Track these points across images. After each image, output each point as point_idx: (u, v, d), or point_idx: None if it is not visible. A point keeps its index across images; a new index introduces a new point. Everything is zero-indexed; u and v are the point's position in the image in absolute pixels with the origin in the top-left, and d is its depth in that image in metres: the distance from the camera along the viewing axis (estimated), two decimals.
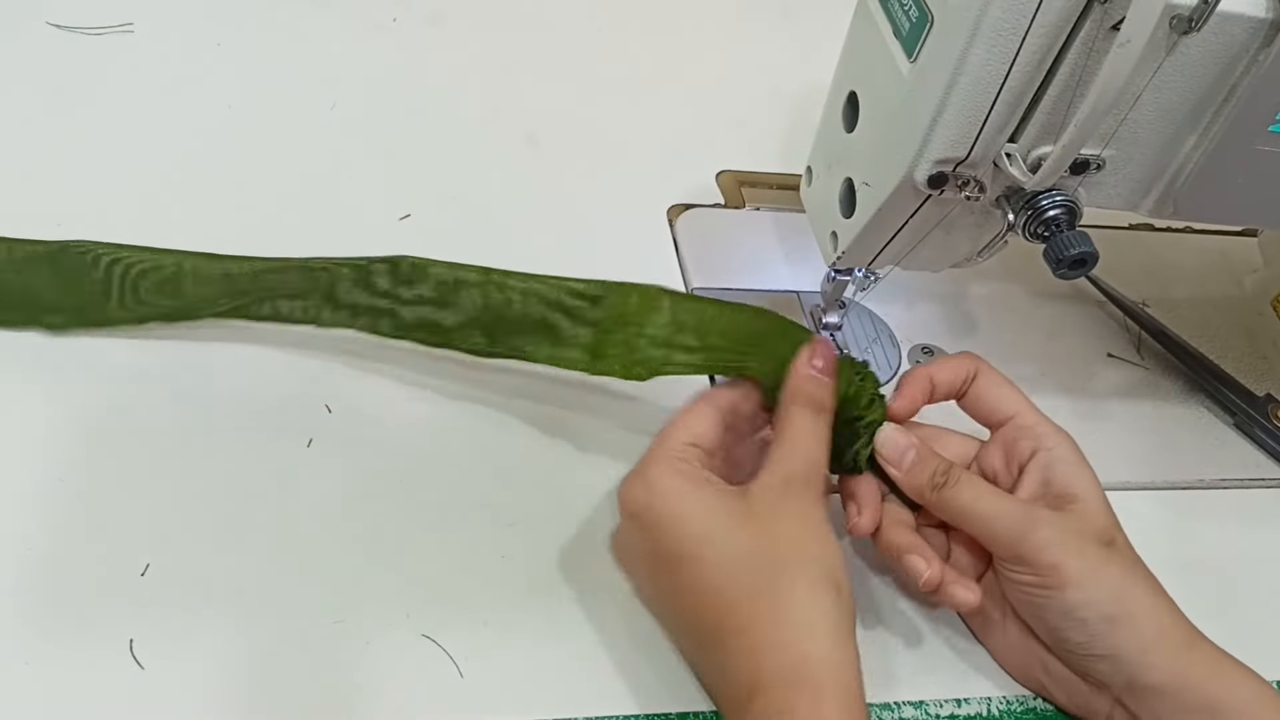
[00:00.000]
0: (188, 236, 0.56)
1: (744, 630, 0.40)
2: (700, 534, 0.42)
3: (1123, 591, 0.43)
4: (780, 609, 0.40)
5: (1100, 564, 0.43)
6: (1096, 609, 0.43)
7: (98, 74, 0.63)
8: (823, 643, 0.39)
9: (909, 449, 0.46)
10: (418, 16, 0.73)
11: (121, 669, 0.41)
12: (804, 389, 0.45)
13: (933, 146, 0.43)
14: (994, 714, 0.46)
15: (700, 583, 0.41)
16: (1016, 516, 0.44)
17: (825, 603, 0.40)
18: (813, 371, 0.45)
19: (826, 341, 0.47)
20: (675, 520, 0.42)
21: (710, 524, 0.42)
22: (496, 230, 0.60)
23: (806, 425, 0.44)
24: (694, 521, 0.42)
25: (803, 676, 0.38)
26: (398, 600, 0.44)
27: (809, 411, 0.45)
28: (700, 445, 0.44)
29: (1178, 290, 0.68)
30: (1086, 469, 0.46)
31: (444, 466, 0.49)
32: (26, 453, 0.46)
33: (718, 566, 0.41)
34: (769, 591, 0.40)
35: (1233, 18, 0.40)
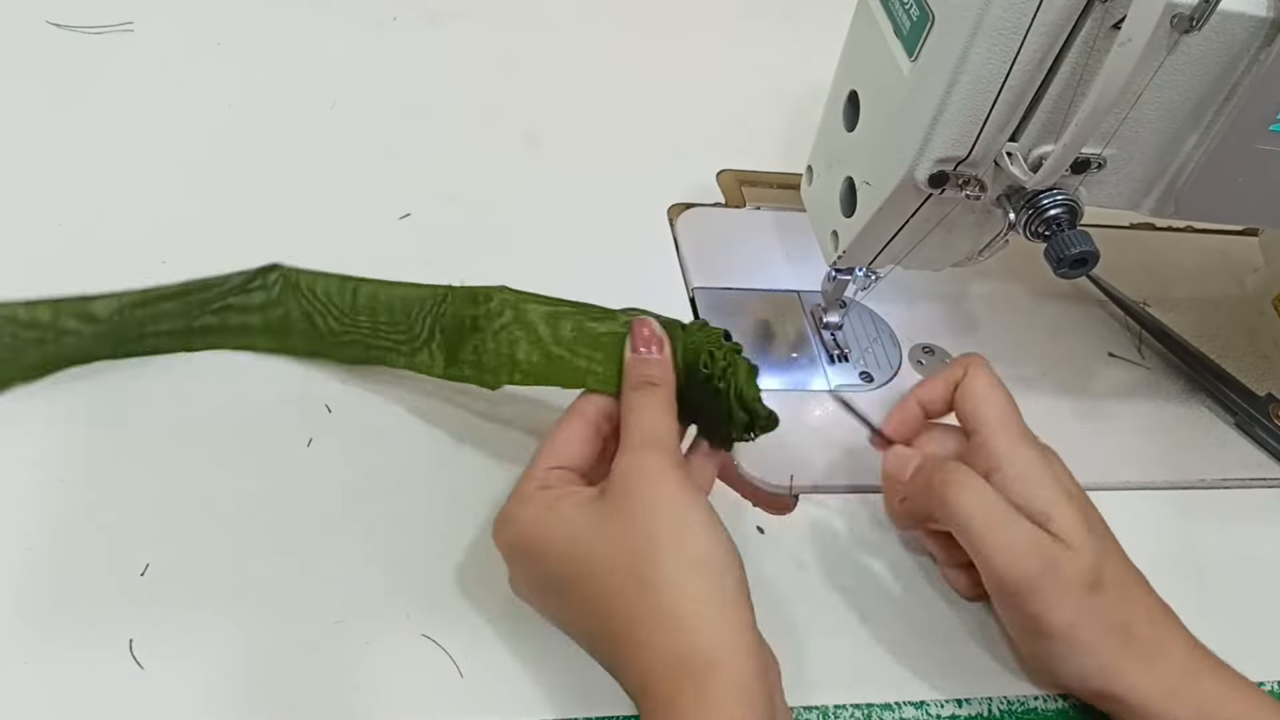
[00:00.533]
0: (187, 236, 0.56)
1: (626, 632, 0.39)
2: (567, 551, 0.41)
3: (1105, 638, 0.43)
4: (651, 602, 0.39)
5: (1080, 615, 0.43)
6: (1073, 665, 0.43)
7: (98, 74, 0.63)
8: (699, 626, 0.38)
9: (912, 456, 0.47)
10: (418, 16, 0.73)
11: (121, 669, 0.41)
12: (631, 372, 0.45)
13: (933, 146, 0.43)
14: (994, 714, 0.46)
15: (582, 597, 0.41)
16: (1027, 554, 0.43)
17: (695, 585, 0.39)
18: (639, 354, 0.45)
19: (644, 320, 0.46)
20: (541, 545, 0.41)
21: (572, 537, 0.41)
22: (496, 230, 0.60)
23: (640, 402, 0.44)
24: (557, 542, 0.41)
25: (682, 666, 0.37)
26: (398, 600, 0.44)
27: (640, 390, 0.44)
28: (568, 466, 0.44)
29: (1179, 290, 0.68)
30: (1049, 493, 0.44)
31: (444, 466, 0.49)
32: (27, 453, 0.46)
33: (591, 576, 0.40)
34: (637, 588, 0.39)
35: (1234, 17, 0.40)
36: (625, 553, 0.40)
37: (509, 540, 0.43)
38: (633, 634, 0.39)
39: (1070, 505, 0.44)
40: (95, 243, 0.54)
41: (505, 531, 0.43)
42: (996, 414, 0.46)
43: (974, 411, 0.47)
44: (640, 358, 0.45)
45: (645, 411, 0.44)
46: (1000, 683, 0.47)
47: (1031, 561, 0.42)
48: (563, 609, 0.43)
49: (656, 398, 0.44)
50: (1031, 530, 0.43)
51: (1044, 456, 0.46)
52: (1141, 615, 0.44)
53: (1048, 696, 0.47)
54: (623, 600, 0.39)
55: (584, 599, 0.41)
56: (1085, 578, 0.43)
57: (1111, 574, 0.44)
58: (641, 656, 0.38)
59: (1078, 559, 0.43)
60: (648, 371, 0.45)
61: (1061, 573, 0.42)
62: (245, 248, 0.55)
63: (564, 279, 0.58)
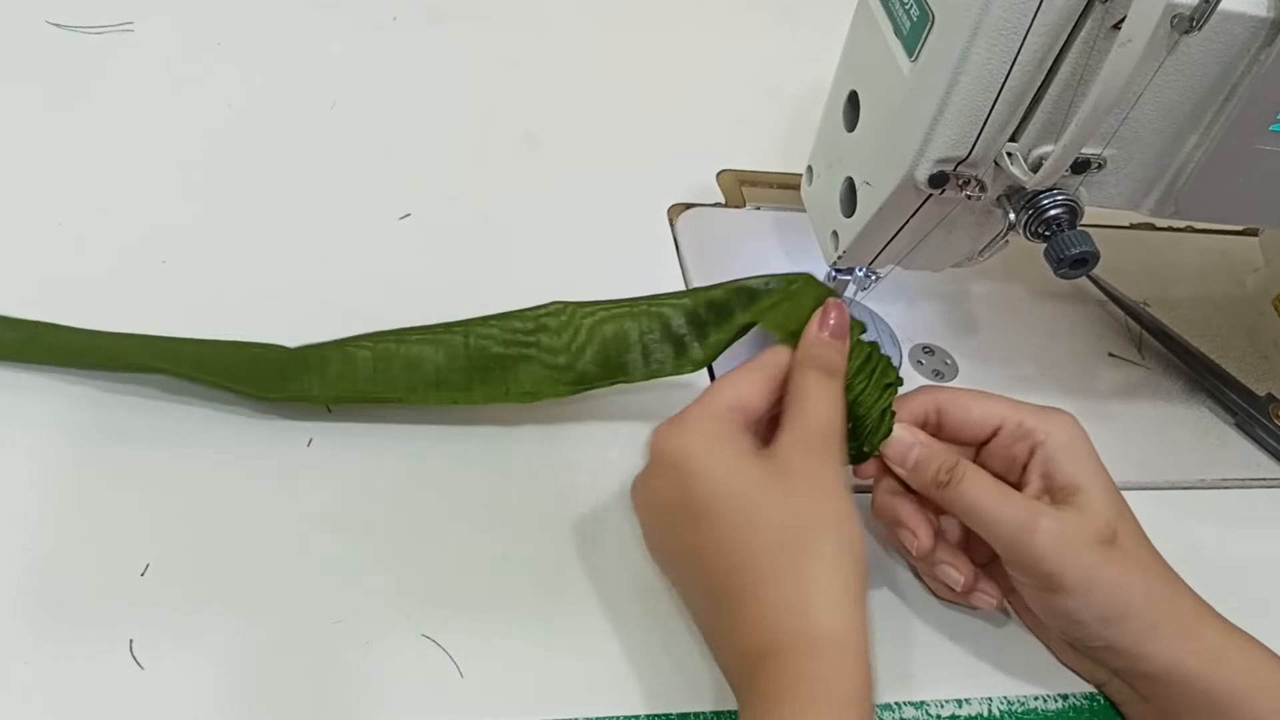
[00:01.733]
0: (187, 236, 0.56)
1: (760, 589, 0.40)
2: (728, 491, 0.41)
3: (1119, 591, 0.43)
4: (800, 572, 0.40)
5: (1097, 568, 0.43)
6: (1093, 611, 0.43)
7: (98, 74, 0.63)
8: (838, 611, 0.39)
9: (913, 446, 0.46)
10: (418, 16, 0.73)
11: (121, 669, 0.41)
12: (814, 353, 0.45)
13: (934, 146, 0.43)
14: (994, 714, 0.46)
15: (723, 538, 0.41)
16: (1015, 522, 0.44)
17: (845, 570, 0.40)
18: (824, 335, 0.45)
19: (838, 304, 0.46)
20: (705, 474, 0.42)
21: (737, 481, 0.41)
22: (496, 230, 0.60)
23: (820, 387, 0.44)
24: (722, 477, 0.42)
25: (816, 644, 0.38)
26: (398, 600, 0.44)
27: (821, 375, 0.45)
28: (744, 408, 0.44)
29: (1179, 290, 0.68)
30: (1085, 455, 0.46)
31: (444, 466, 0.49)
32: (27, 453, 0.46)
33: (742, 523, 0.41)
34: (791, 552, 0.40)
35: (1234, 17, 0.40)
36: (786, 517, 0.41)
37: (672, 451, 0.43)
38: (772, 592, 0.39)
39: (1096, 473, 0.45)
40: (95, 243, 0.54)
41: (673, 440, 0.43)
42: (1003, 407, 0.47)
43: (979, 419, 0.47)
44: (823, 340, 0.45)
45: (821, 399, 0.44)
46: (1000, 683, 0.47)
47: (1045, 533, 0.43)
48: (691, 541, 0.42)
49: (833, 388, 0.45)
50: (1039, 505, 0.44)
51: (1075, 423, 0.47)
52: (1155, 570, 0.44)
53: (1048, 696, 0.47)
54: (768, 558, 0.40)
55: (725, 541, 0.41)
56: (1101, 534, 0.43)
57: (1126, 532, 0.44)
58: (774, 618, 0.39)
59: (1092, 520, 0.44)
60: (829, 357, 0.45)
61: (1073, 532, 0.43)
62: (245, 248, 0.55)
63: (564, 279, 0.58)
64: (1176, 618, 0.44)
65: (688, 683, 0.44)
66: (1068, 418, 0.47)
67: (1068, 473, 0.45)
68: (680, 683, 0.44)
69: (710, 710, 0.43)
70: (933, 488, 0.45)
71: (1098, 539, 0.43)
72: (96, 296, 0.52)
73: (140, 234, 0.55)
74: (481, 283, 0.57)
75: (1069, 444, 0.46)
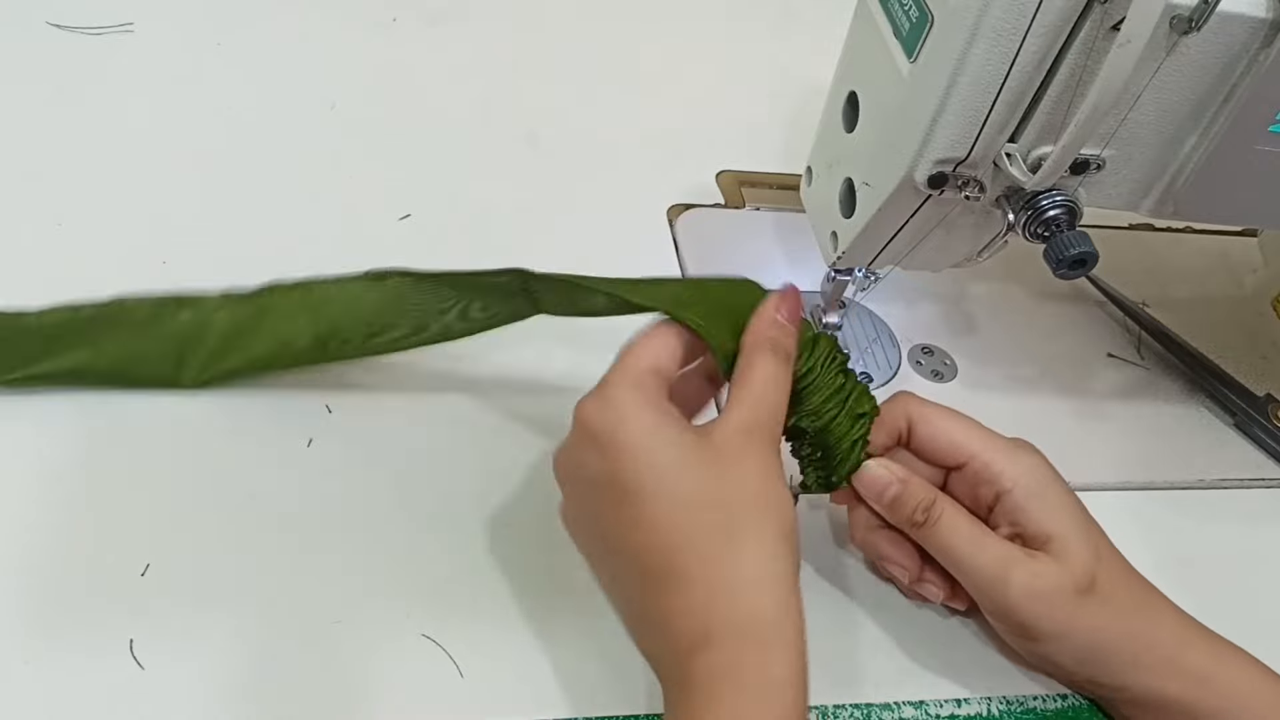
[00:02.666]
0: (187, 236, 0.56)
1: (695, 575, 0.38)
2: (662, 469, 0.39)
3: (1094, 636, 0.43)
4: (737, 558, 0.38)
5: (1070, 620, 0.43)
6: (1068, 655, 0.44)
7: (98, 74, 0.63)
8: (775, 598, 0.38)
9: (890, 484, 0.45)
10: (418, 16, 0.73)
11: (121, 669, 0.41)
12: (770, 334, 0.43)
13: (933, 146, 0.43)
14: (994, 714, 0.46)
15: (656, 518, 0.39)
16: (989, 572, 0.43)
17: (780, 558, 0.39)
18: (779, 317, 0.43)
19: (795, 290, 0.45)
20: (638, 450, 0.39)
21: (672, 460, 0.39)
22: (496, 230, 0.60)
23: (770, 370, 0.42)
24: (657, 454, 0.39)
25: (753, 631, 0.37)
26: (398, 600, 0.44)
27: (773, 357, 0.42)
28: (661, 371, 0.42)
29: (1178, 290, 0.68)
30: (1056, 500, 0.44)
31: (444, 466, 0.49)
32: (27, 453, 0.46)
33: (675, 504, 0.39)
34: (725, 538, 0.38)
35: (1233, 18, 0.40)
36: (723, 502, 0.39)
37: (604, 425, 0.40)
38: (708, 578, 0.38)
39: (1070, 516, 0.44)
40: (95, 243, 0.54)
41: (603, 415, 0.40)
42: (975, 438, 0.45)
43: (948, 444, 0.45)
44: (779, 322, 0.43)
45: (771, 381, 0.42)
46: (1000, 682, 0.47)
47: (1017, 586, 0.43)
48: (621, 520, 0.40)
49: (785, 372, 0.43)
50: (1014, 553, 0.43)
51: (1043, 462, 0.45)
52: (1132, 607, 0.44)
53: (1048, 696, 0.47)
54: (704, 541, 0.38)
55: (658, 521, 0.39)
56: (1078, 584, 0.43)
57: (1105, 574, 0.44)
58: (710, 605, 0.38)
59: (1068, 570, 0.43)
60: (783, 340, 0.43)
61: (1048, 585, 0.43)
62: (245, 248, 0.55)
63: None
64: (1156, 649, 0.43)
65: None
66: (1035, 458, 0.45)
67: (1039, 521, 0.44)
68: None
69: None
70: (908, 525, 0.45)
71: (1074, 589, 0.43)
72: (95, 297, 0.52)
73: (140, 234, 0.55)
74: None
75: (1038, 491, 0.44)
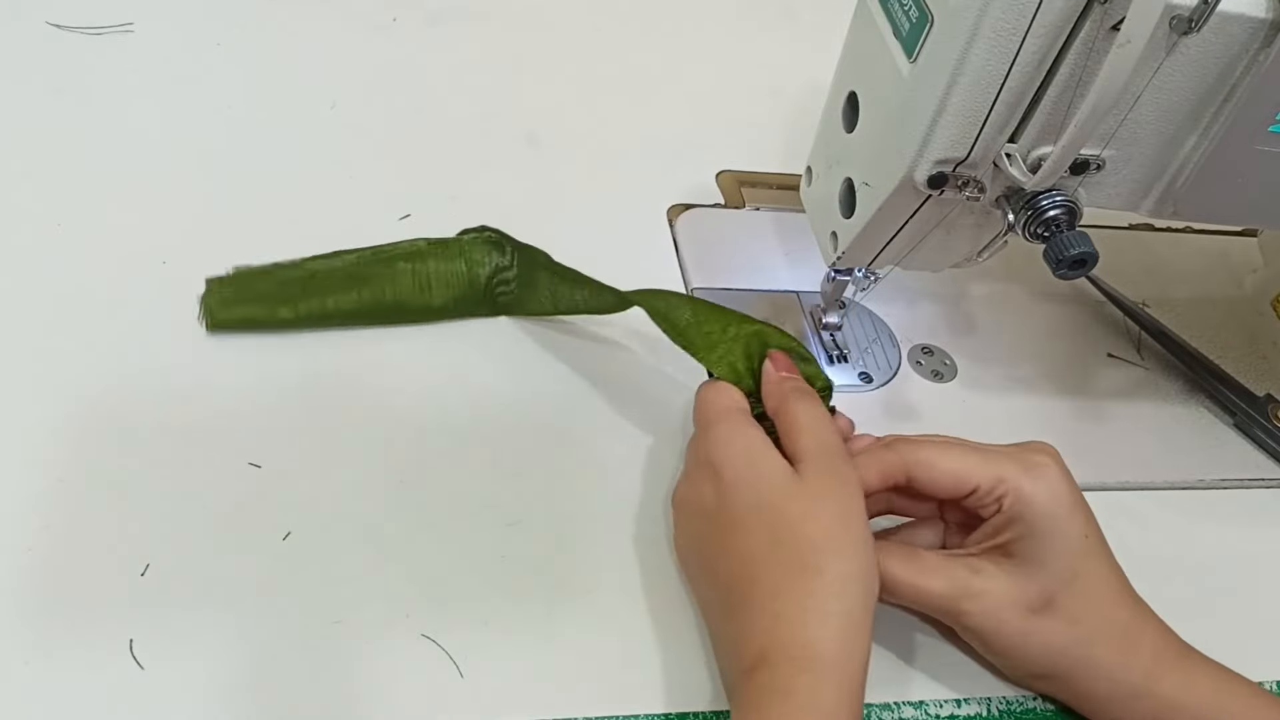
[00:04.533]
0: (187, 236, 0.56)
1: (769, 600, 0.40)
2: (761, 505, 0.42)
3: (1049, 656, 0.44)
4: (808, 589, 0.40)
5: (1022, 636, 0.44)
6: (1024, 670, 0.45)
7: (98, 74, 0.63)
8: (837, 633, 0.39)
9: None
10: (418, 16, 0.73)
11: (121, 669, 0.41)
12: (783, 387, 0.47)
13: (933, 147, 0.43)
14: (994, 714, 0.46)
15: (747, 549, 0.42)
16: (941, 598, 0.44)
17: (851, 595, 0.40)
18: (784, 375, 0.47)
19: (776, 355, 0.48)
20: (744, 486, 0.43)
21: (773, 497, 0.42)
22: None
23: (809, 409, 0.45)
24: (760, 490, 0.42)
25: (809, 660, 0.39)
26: (398, 600, 0.44)
27: (804, 398, 0.46)
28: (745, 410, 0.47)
29: (1178, 290, 0.68)
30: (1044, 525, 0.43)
31: (444, 466, 0.49)
32: (27, 453, 0.46)
33: (765, 534, 0.42)
34: (799, 570, 0.41)
35: (1233, 18, 0.40)
36: (807, 535, 0.41)
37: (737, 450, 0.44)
38: (779, 604, 0.40)
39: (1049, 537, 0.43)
40: (95, 243, 0.54)
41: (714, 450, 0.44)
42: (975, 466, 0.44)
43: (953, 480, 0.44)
44: (784, 376, 0.47)
45: (819, 419, 0.45)
46: (1000, 683, 0.47)
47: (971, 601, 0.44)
48: (720, 545, 0.43)
49: (817, 405, 0.46)
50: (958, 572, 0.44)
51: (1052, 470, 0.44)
52: (1100, 636, 0.44)
53: (1048, 696, 0.47)
54: (783, 571, 0.41)
55: (748, 549, 0.42)
56: (1029, 603, 0.43)
57: (1073, 598, 0.43)
58: (774, 629, 0.40)
59: (1019, 587, 0.43)
60: (798, 384, 0.47)
61: (1009, 595, 0.44)
62: (245, 247, 0.55)
63: None
64: (1128, 673, 0.43)
65: (687, 683, 0.44)
66: (1049, 473, 0.44)
67: (1023, 543, 0.43)
68: (679, 683, 0.44)
69: (709, 710, 0.44)
70: None
71: (1027, 607, 0.43)
72: (96, 297, 0.52)
73: (140, 234, 0.55)
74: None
75: (1040, 512, 0.43)
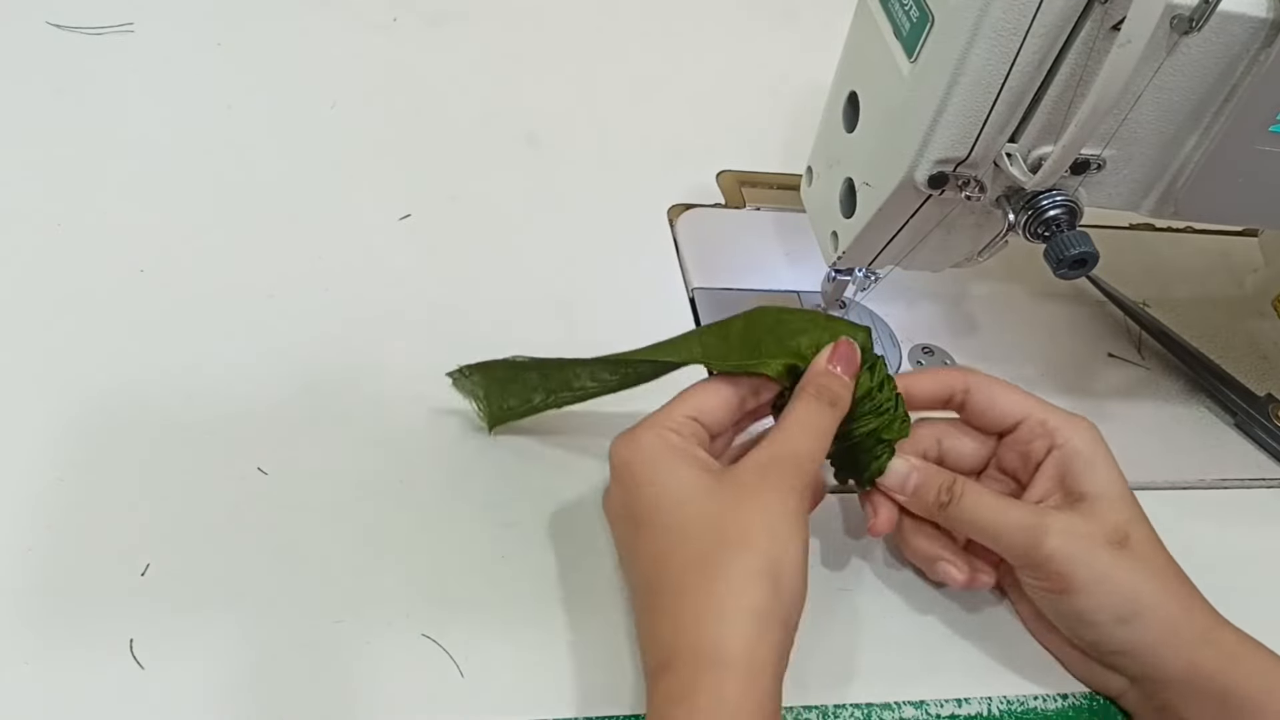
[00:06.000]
0: (186, 236, 0.56)
1: (673, 602, 0.40)
2: (665, 501, 0.42)
3: (1133, 592, 0.44)
4: (708, 589, 0.39)
5: (1109, 568, 0.43)
6: (1108, 612, 0.44)
7: (98, 74, 0.63)
8: (740, 632, 0.39)
9: (910, 473, 0.46)
10: (418, 17, 0.73)
11: (121, 669, 0.41)
12: (817, 380, 0.45)
13: (933, 146, 0.43)
14: (994, 714, 0.46)
15: (654, 546, 0.42)
16: (1023, 526, 0.44)
17: (754, 594, 0.39)
18: (834, 368, 0.45)
19: (849, 343, 0.45)
20: (647, 484, 0.42)
21: (677, 492, 0.42)
22: (496, 230, 0.60)
23: (810, 414, 0.44)
24: (664, 488, 0.42)
25: (712, 660, 0.38)
26: (398, 600, 0.44)
27: (816, 402, 0.44)
28: (701, 421, 0.44)
29: (1178, 290, 0.68)
30: (1102, 461, 0.46)
31: (444, 467, 0.49)
32: (27, 453, 0.46)
33: (670, 533, 0.41)
34: (701, 569, 0.40)
35: (1233, 17, 0.40)
36: (709, 534, 0.41)
37: (622, 459, 0.43)
38: (681, 605, 0.40)
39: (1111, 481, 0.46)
40: (95, 243, 0.54)
41: (623, 450, 0.44)
42: (1029, 402, 0.47)
43: (1004, 408, 0.47)
44: (831, 372, 0.45)
45: (813, 427, 0.44)
46: (1000, 683, 0.47)
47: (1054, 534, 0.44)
48: (632, 547, 0.43)
49: (828, 420, 0.44)
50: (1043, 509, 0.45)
51: (1096, 432, 0.47)
52: (1170, 573, 0.45)
53: (1048, 696, 0.47)
54: (682, 571, 0.40)
55: (655, 549, 0.42)
56: (1110, 536, 0.44)
57: (1140, 537, 0.45)
58: (678, 630, 0.39)
59: (1099, 523, 0.44)
60: (834, 388, 0.44)
61: (1082, 532, 0.44)
62: (246, 247, 0.55)
63: (564, 279, 0.58)
64: (1192, 622, 0.44)
65: None
66: (1088, 425, 0.47)
67: (1080, 479, 0.45)
68: None
69: None
70: (935, 509, 0.46)
71: (1107, 540, 0.44)
72: (96, 297, 0.52)
73: (140, 234, 0.55)
74: (481, 283, 0.57)
75: (1085, 452, 0.46)
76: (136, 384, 0.49)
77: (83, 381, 0.49)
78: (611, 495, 0.45)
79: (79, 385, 0.49)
